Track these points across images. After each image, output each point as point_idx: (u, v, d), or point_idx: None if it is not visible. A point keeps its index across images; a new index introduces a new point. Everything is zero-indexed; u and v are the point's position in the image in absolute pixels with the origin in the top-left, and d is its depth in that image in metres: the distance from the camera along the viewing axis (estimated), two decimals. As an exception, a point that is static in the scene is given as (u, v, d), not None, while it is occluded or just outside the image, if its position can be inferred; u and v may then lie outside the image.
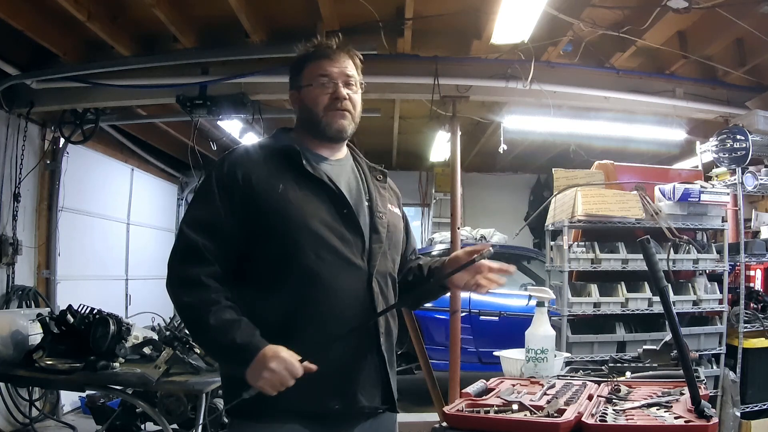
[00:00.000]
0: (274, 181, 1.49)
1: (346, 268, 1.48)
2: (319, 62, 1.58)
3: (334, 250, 1.48)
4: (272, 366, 1.33)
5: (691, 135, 5.09)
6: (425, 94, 4.36)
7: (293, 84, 1.64)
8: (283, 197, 1.47)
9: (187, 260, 1.45)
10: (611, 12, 3.86)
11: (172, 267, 1.48)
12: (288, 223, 1.45)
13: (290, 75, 1.65)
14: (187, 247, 1.46)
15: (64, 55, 4.18)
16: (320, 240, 1.46)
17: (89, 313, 3.13)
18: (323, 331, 1.42)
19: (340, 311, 1.45)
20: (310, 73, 1.58)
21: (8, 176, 4.56)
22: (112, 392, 3.22)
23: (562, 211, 3.95)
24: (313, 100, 1.57)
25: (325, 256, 1.46)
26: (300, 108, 1.62)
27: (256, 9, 3.85)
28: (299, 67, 1.61)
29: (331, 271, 1.46)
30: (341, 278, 1.47)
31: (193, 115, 4.51)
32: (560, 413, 1.37)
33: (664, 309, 1.49)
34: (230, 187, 1.48)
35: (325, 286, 1.45)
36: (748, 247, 4.11)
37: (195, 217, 1.49)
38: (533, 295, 2.12)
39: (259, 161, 1.53)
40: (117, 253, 6.45)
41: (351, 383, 1.47)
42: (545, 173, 8.18)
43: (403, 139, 7.15)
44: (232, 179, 1.48)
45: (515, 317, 5.25)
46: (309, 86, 1.57)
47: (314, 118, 1.57)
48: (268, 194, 1.47)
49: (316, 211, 1.49)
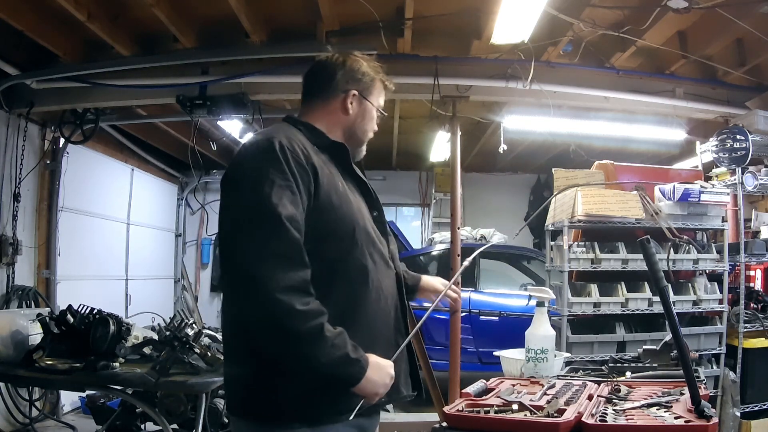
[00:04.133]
0: (333, 177, 1.47)
1: (385, 269, 1.55)
2: (383, 95, 1.68)
3: (380, 251, 1.54)
4: (387, 381, 1.39)
5: (691, 135, 5.09)
6: (425, 94, 4.36)
7: (361, 89, 1.62)
8: (345, 196, 1.47)
9: (295, 265, 1.31)
10: (611, 12, 3.86)
11: (274, 269, 1.28)
12: (352, 223, 1.46)
13: (357, 75, 1.62)
14: (292, 250, 1.31)
15: (64, 55, 4.18)
16: (373, 241, 1.52)
17: (89, 313, 3.13)
18: (372, 329, 1.47)
19: (385, 311, 1.52)
20: (380, 100, 1.66)
21: (8, 176, 4.56)
22: (112, 392, 3.22)
23: (562, 211, 3.95)
24: (372, 124, 1.66)
25: (375, 257, 1.51)
26: (357, 116, 1.62)
27: (256, 9, 3.85)
28: (373, 81, 1.64)
29: (379, 271, 1.51)
30: (385, 278, 1.54)
31: (193, 115, 4.51)
32: (560, 413, 1.37)
33: (664, 309, 1.49)
34: (300, 176, 1.37)
35: (376, 286, 1.49)
36: (748, 247, 4.11)
37: (291, 213, 1.32)
38: (533, 295, 2.12)
39: (310, 151, 1.45)
40: (117, 253, 6.45)
41: (395, 377, 1.49)
42: (545, 173, 8.17)
43: (403, 139, 7.14)
44: (300, 167, 1.38)
45: (515, 317, 5.25)
46: (378, 111, 1.65)
47: (362, 138, 1.65)
48: (333, 191, 1.44)
49: (366, 213, 1.54)
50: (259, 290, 1.27)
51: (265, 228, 1.30)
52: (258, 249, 1.29)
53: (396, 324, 1.57)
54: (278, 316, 1.27)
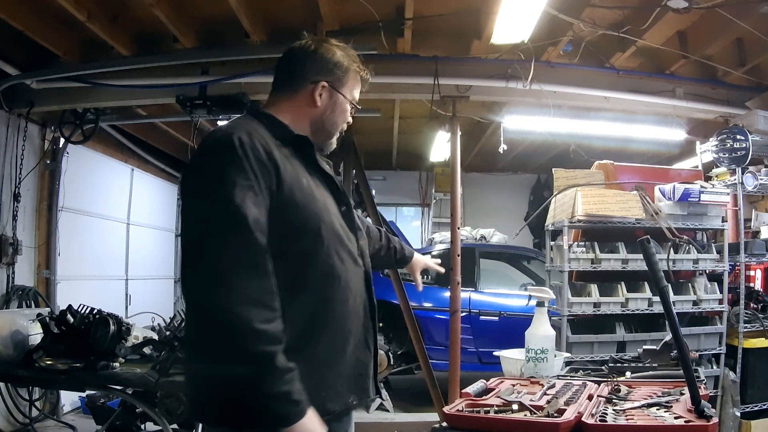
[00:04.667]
0: (296, 172, 1.39)
1: (353, 266, 1.49)
2: (360, 86, 1.60)
3: (347, 248, 1.48)
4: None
5: (691, 135, 5.09)
6: (425, 94, 4.36)
7: (331, 80, 1.52)
8: (310, 193, 1.40)
9: (260, 274, 1.25)
10: (611, 12, 3.86)
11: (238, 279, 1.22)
12: (318, 221, 1.39)
13: (328, 65, 1.52)
14: (258, 257, 1.25)
15: (63, 55, 4.18)
16: (340, 239, 1.45)
17: (89, 313, 3.13)
18: (342, 330, 1.44)
19: (353, 310, 1.47)
20: (354, 91, 1.58)
21: (8, 176, 4.56)
22: (112, 392, 3.22)
23: (562, 211, 3.95)
24: (343, 116, 1.57)
25: (342, 255, 1.45)
26: (325, 107, 1.53)
27: (256, 9, 3.85)
28: (346, 72, 1.54)
29: (347, 269, 1.46)
30: (353, 277, 1.48)
31: (193, 115, 4.51)
32: (560, 413, 1.37)
33: (664, 309, 1.49)
34: (261, 174, 1.30)
35: (343, 286, 1.44)
36: (748, 247, 4.11)
37: (256, 216, 1.26)
38: (533, 295, 2.12)
39: (272, 145, 1.37)
40: (117, 253, 6.45)
41: (364, 378, 1.49)
42: (545, 173, 8.18)
43: (403, 139, 7.15)
44: (261, 164, 1.30)
45: (515, 317, 5.25)
46: (350, 103, 1.57)
47: (332, 131, 1.57)
48: (296, 188, 1.36)
49: (332, 209, 1.47)
50: (220, 301, 1.21)
51: (229, 233, 1.23)
52: (222, 256, 1.22)
53: (365, 323, 1.51)
54: (233, 330, 1.20)
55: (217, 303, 1.21)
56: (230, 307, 1.20)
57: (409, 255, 2.04)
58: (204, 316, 1.24)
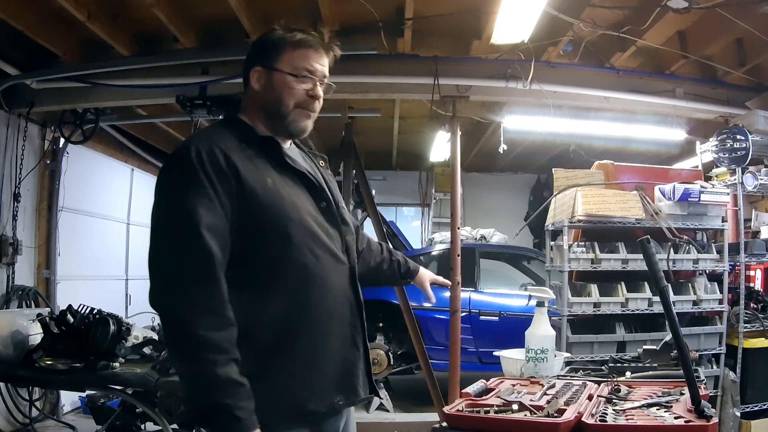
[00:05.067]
0: (260, 173, 1.38)
1: (335, 263, 1.46)
2: (305, 52, 1.47)
3: (325, 246, 1.44)
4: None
5: (691, 135, 5.09)
6: (425, 94, 4.36)
7: (263, 61, 1.47)
8: (275, 192, 1.38)
9: (208, 281, 1.26)
10: (611, 12, 3.86)
11: (186, 283, 1.25)
12: (284, 220, 1.37)
13: (259, 50, 1.50)
14: (207, 264, 1.27)
15: (64, 55, 4.18)
16: (314, 236, 1.42)
17: (89, 313, 3.13)
18: (323, 330, 1.41)
19: (336, 308, 1.44)
20: (293, 61, 1.46)
21: (8, 176, 4.56)
22: (112, 392, 3.22)
23: (562, 211, 3.95)
24: (288, 90, 1.45)
25: (318, 253, 1.42)
26: (265, 91, 1.47)
27: (256, 9, 3.84)
28: (278, 46, 1.47)
29: (325, 268, 1.43)
30: (333, 274, 1.45)
31: (193, 115, 4.51)
32: (560, 413, 1.37)
33: (664, 309, 1.49)
34: (219, 180, 1.31)
35: (321, 284, 1.41)
36: (748, 247, 4.10)
37: (209, 223, 1.28)
38: (533, 295, 2.12)
39: (235, 150, 1.37)
40: (117, 253, 6.45)
41: (351, 378, 1.47)
42: (545, 173, 8.18)
43: (403, 139, 7.15)
44: (218, 171, 1.32)
45: (515, 317, 5.25)
46: (289, 74, 1.45)
47: (281, 110, 1.47)
48: (259, 189, 1.35)
49: (305, 206, 1.44)
50: (169, 306, 1.26)
51: (180, 240, 1.28)
52: (172, 263, 1.27)
53: (352, 321, 1.48)
54: (178, 336, 1.26)
55: (167, 308, 1.26)
56: (176, 312, 1.25)
57: (414, 269, 1.95)
58: (162, 320, 1.30)
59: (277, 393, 1.34)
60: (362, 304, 1.53)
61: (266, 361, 1.34)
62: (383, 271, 1.87)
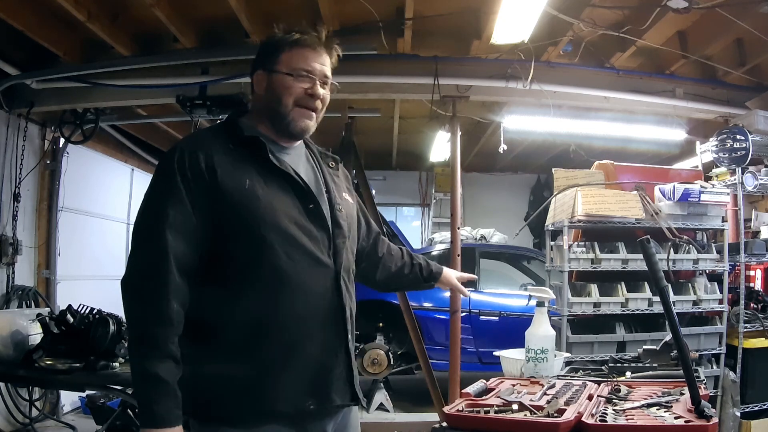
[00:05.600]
0: (239, 174, 1.39)
1: (314, 266, 1.44)
2: (302, 51, 1.49)
3: (303, 248, 1.43)
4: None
5: (691, 135, 5.09)
6: (425, 94, 4.36)
7: (264, 65, 1.50)
8: (251, 193, 1.39)
9: (159, 277, 1.32)
10: (611, 12, 3.86)
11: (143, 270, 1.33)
12: (257, 221, 1.38)
13: (261, 54, 1.53)
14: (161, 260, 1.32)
15: (64, 55, 4.18)
16: (290, 238, 1.41)
17: (89, 313, 3.12)
18: (295, 332, 1.40)
19: (311, 312, 1.42)
20: (291, 61, 1.48)
21: (8, 176, 4.56)
22: (112, 392, 3.22)
23: (562, 211, 3.95)
24: (286, 90, 1.47)
25: (294, 255, 1.41)
26: (266, 93, 1.50)
27: (256, 9, 3.85)
28: (277, 49, 1.49)
29: (301, 270, 1.41)
30: (311, 278, 1.43)
31: (193, 115, 4.51)
32: (560, 413, 1.37)
33: (664, 309, 1.49)
34: (194, 181, 1.36)
35: (295, 287, 1.40)
36: (748, 247, 4.11)
37: (174, 219, 1.34)
38: (533, 295, 2.11)
39: (220, 151, 1.40)
40: (117, 253, 6.44)
41: (325, 383, 1.45)
42: (545, 173, 8.18)
43: (403, 139, 7.15)
44: (195, 173, 1.36)
45: (515, 317, 5.25)
46: (287, 75, 1.47)
47: (281, 110, 1.48)
48: (235, 190, 1.37)
49: (284, 208, 1.42)
50: (124, 296, 1.35)
51: (143, 238, 1.37)
52: (133, 258, 1.36)
53: (332, 325, 1.46)
54: (128, 326, 1.37)
55: (123, 298, 1.36)
56: (126, 305, 1.35)
57: (438, 271, 1.91)
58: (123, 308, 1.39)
59: (242, 390, 1.36)
60: (346, 308, 1.49)
61: (234, 357, 1.37)
62: (405, 275, 1.85)
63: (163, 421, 1.27)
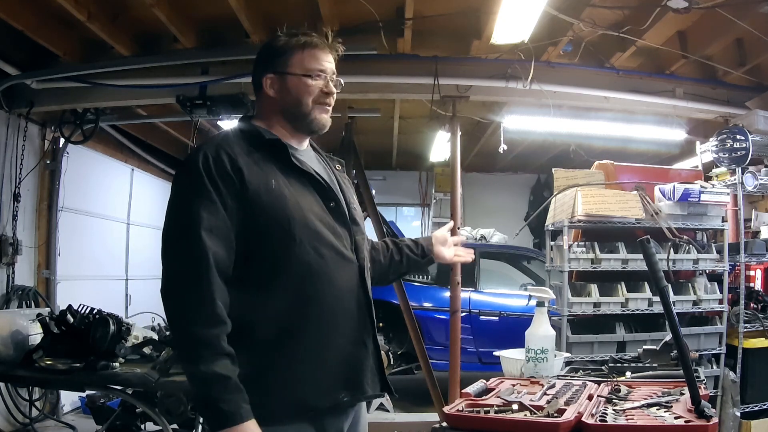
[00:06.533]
0: (264, 175, 1.43)
1: (341, 262, 1.48)
2: (313, 52, 1.53)
3: (330, 244, 1.47)
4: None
5: (691, 135, 5.09)
6: (425, 94, 4.36)
7: (274, 68, 1.53)
8: (278, 192, 1.42)
9: (201, 278, 1.31)
10: (611, 12, 3.86)
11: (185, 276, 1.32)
12: (287, 219, 1.41)
13: (267, 58, 1.55)
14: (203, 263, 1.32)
15: (64, 55, 4.18)
16: (318, 235, 1.45)
17: (89, 313, 3.13)
18: (326, 327, 1.43)
19: (341, 306, 1.46)
20: (304, 62, 1.52)
21: (8, 176, 4.56)
22: (112, 392, 3.22)
23: (562, 211, 3.95)
24: (305, 90, 1.52)
25: (323, 251, 1.45)
26: (281, 95, 1.53)
27: (256, 9, 3.85)
28: (286, 51, 1.53)
29: (330, 266, 1.45)
30: (339, 273, 1.47)
31: (193, 115, 4.51)
32: (560, 413, 1.37)
33: (664, 309, 1.49)
34: (223, 182, 1.38)
35: (325, 283, 1.43)
36: (748, 247, 4.10)
37: (208, 221, 1.34)
38: (533, 295, 2.12)
39: (242, 153, 1.44)
40: (117, 253, 6.45)
41: (357, 374, 1.48)
42: (545, 173, 8.18)
43: (403, 139, 7.15)
44: (222, 174, 1.38)
45: (515, 317, 5.25)
46: (303, 75, 1.51)
47: (302, 110, 1.53)
48: (262, 190, 1.41)
49: (310, 206, 1.47)
50: (167, 302, 1.34)
51: (181, 241, 1.35)
52: (173, 262, 1.35)
53: (360, 318, 1.50)
54: (176, 332, 1.35)
55: (166, 304, 1.34)
56: (171, 309, 1.34)
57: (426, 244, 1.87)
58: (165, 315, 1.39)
59: (279, 387, 1.37)
60: (371, 302, 1.54)
61: (269, 355, 1.38)
62: (398, 262, 1.85)
63: (234, 418, 1.25)
